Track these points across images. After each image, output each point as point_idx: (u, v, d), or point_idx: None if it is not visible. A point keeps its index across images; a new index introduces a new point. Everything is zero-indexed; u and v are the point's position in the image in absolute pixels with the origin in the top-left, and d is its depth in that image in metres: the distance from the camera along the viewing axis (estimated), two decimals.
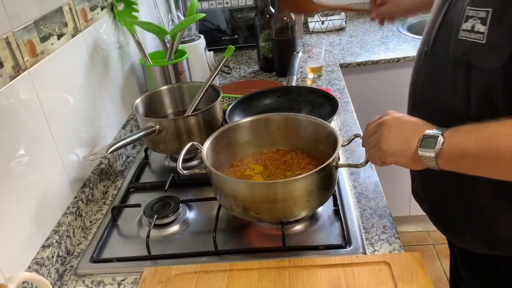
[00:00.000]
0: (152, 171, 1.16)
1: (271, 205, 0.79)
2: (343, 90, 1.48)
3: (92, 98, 1.12)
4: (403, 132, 0.71)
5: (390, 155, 0.72)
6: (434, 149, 0.66)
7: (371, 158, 0.77)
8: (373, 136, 0.75)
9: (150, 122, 1.05)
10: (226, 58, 1.19)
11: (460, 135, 0.66)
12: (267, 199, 0.79)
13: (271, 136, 1.00)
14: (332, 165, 0.82)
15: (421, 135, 0.68)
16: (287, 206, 0.79)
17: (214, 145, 0.92)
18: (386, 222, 0.88)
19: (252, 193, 0.79)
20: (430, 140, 0.67)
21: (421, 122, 0.72)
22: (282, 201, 0.78)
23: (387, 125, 0.72)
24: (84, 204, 0.98)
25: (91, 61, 1.12)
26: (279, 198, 0.78)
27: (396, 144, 0.71)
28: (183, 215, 0.96)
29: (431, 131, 0.68)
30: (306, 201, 0.80)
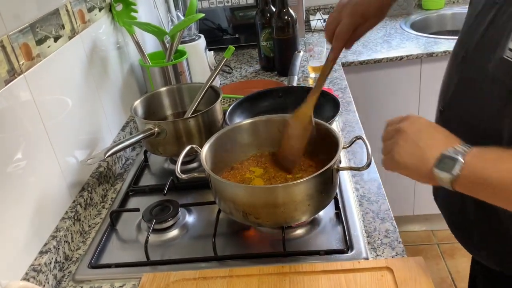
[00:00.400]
0: (151, 174, 1.15)
1: (271, 210, 0.78)
2: (345, 90, 1.46)
3: (91, 100, 1.11)
4: (419, 145, 0.63)
5: (402, 167, 0.66)
6: (452, 173, 0.59)
7: (384, 164, 0.71)
8: (389, 141, 0.69)
9: (149, 125, 1.04)
10: (226, 58, 1.18)
11: (483, 163, 0.58)
12: (267, 204, 0.77)
13: (271, 138, 0.98)
14: (333, 168, 0.80)
15: (439, 154, 0.61)
16: (287, 210, 0.78)
17: (214, 148, 0.91)
18: (389, 226, 0.87)
19: (251, 198, 0.78)
20: (448, 161, 0.59)
21: (442, 134, 0.64)
22: (282, 205, 0.77)
23: (403, 134, 0.66)
24: (82, 208, 0.97)
25: (89, 63, 1.11)
26: (279, 203, 0.77)
27: (411, 158, 0.64)
28: (182, 219, 0.95)
29: (451, 151, 0.60)
30: (307, 205, 0.79)
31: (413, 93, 1.78)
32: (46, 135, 0.89)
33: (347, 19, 0.81)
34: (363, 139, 0.88)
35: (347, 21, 0.81)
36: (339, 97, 1.40)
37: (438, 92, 0.87)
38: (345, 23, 0.81)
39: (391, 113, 1.82)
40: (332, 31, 0.83)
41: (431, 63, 1.71)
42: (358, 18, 0.81)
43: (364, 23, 0.83)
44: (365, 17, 0.82)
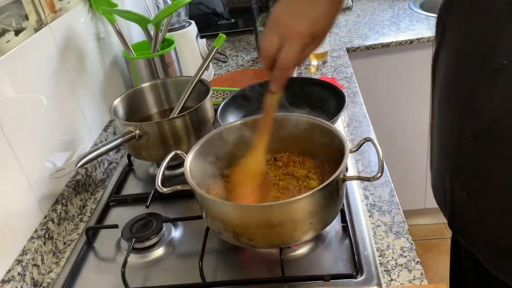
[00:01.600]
0: (136, 179, 1.04)
1: (266, 231, 0.66)
2: (350, 79, 1.33)
3: (65, 99, 0.99)
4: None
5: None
6: None
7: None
8: None
9: (129, 127, 0.92)
10: (216, 48, 1.05)
11: None
12: (261, 224, 0.65)
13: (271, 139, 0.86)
14: (339, 178, 0.68)
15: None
16: (285, 231, 0.66)
17: (201, 154, 0.79)
18: (404, 242, 0.75)
19: (243, 217, 0.66)
20: None
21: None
22: (279, 225, 0.65)
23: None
24: (55, 224, 0.85)
25: (62, 58, 0.98)
26: (275, 223, 0.65)
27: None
28: (167, 235, 0.83)
29: None
30: (309, 223, 0.67)
31: (425, 80, 1.64)
32: (7, 143, 0.77)
33: (294, 42, 0.61)
34: (373, 141, 0.75)
35: (292, 46, 0.61)
36: (344, 88, 1.27)
37: None
38: (293, 49, 0.61)
39: (401, 103, 1.71)
40: (272, 58, 0.63)
41: None
42: (306, 39, 0.62)
43: (312, 44, 0.63)
44: (314, 36, 0.62)
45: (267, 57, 0.64)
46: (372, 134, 1.04)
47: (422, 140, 1.75)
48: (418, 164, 1.81)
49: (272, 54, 0.63)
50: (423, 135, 1.73)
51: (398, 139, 1.76)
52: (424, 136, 1.74)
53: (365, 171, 0.93)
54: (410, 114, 1.72)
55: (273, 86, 0.66)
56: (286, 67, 0.63)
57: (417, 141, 1.77)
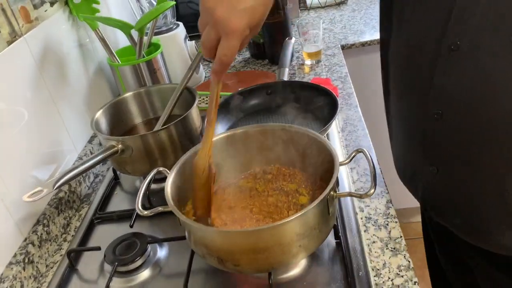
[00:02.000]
0: (123, 193, 1.00)
1: (252, 256, 0.62)
2: (345, 79, 1.28)
3: (46, 113, 0.94)
4: None
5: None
6: None
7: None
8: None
9: (111, 141, 0.87)
10: (201, 55, 1.00)
11: None
12: (246, 249, 0.61)
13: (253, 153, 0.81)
14: (329, 196, 0.64)
15: None
16: (272, 255, 0.62)
17: (183, 173, 0.74)
18: (402, 260, 0.70)
19: (227, 243, 0.62)
20: None
21: None
22: (265, 250, 0.61)
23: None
24: (36, 247, 0.82)
25: (40, 69, 0.94)
26: (261, 248, 0.61)
27: None
28: (153, 255, 0.79)
29: None
30: (298, 246, 0.63)
31: None
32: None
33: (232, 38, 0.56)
34: (365, 153, 0.71)
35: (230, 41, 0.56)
36: (339, 89, 1.22)
37: None
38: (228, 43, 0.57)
39: None
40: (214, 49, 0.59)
41: None
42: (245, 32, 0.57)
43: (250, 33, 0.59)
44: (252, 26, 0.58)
45: (207, 49, 0.60)
46: (367, 139, 1.00)
47: None
48: None
49: (212, 47, 0.59)
50: None
51: None
52: None
53: (360, 181, 0.88)
54: None
55: (213, 76, 0.63)
56: (226, 63, 0.59)
57: None
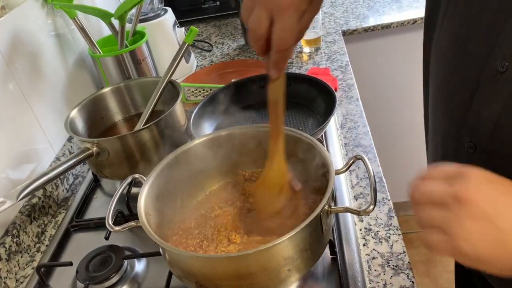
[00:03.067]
0: (103, 197, 0.92)
1: (235, 282, 0.54)
2: (346, 68, 1.18)
3: (16, 110, 0.86)
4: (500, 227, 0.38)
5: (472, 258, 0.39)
6: None
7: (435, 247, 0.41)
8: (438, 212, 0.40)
9: (86, 143, 0.80)
10: (187, 44, 0.91)
11: None
12: (228, 276, 0.54)
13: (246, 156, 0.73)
14: (323, 211, 0.56)
15: None
16: (257, 281, 0.54)
17: (161, 183, 0.67)
18: (405, 280, 0.63)
19: (205, 269, 0.54)
20: None
21: None
22: (248, 277, 0.53)
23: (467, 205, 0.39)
24: (4, 260, 0.74)
25: (8, 64, 0.85)
26: (244, 274, 0.53)
27: (489, 247, 0.39)
28: (130, 270, 0.72)
29: None
30: (286, 271, 0.55)
31: None
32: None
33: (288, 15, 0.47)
34: (365, 160, 0.63)
35: (286, 19, 0.47)
36: (339, 80, 1.13)
37: None
38: (284, 22, 0.47)
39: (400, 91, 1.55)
40: (265, 37, 0.49)
41: None
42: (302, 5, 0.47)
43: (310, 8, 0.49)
44: None
45: (258, 39, 0.49)
46: (368, 137, 0.91)
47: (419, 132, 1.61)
48: (417, 155, 1.67)
49: (263, 35, 0.48)
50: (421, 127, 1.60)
51: (397, 129, 1.62)
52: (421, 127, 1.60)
53: (360, 185, 0.80)
54: (410, 102, 1.57)
55: (272, 71, 0.53)
56: (285, 47, 0.49)
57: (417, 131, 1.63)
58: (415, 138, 1.62)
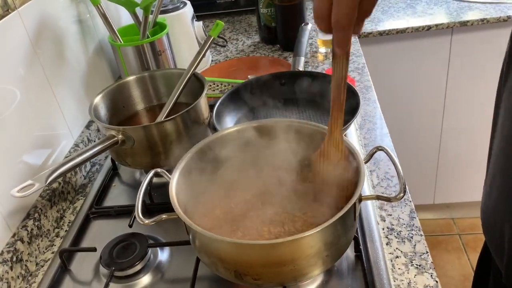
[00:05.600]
0: (122, 186, 0.92)
1: (276, 269, 0.55)
2: (362, 70, 1.20)
3: (40, 94, 0.86)
4: None
5: None
6: None
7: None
8: None
9: (111, 130, 0.80)
10: (212, 38, 0.92)
11: None
12: (270, 263, 0.54)
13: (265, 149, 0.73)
14: (356, 201, 0.57)
15: None
16: (298, 268, 0.55)
17: (190, 172, 0.67)
18: (428, 280, 0.64)
19: (248, 256, 0.55)
20: None
21: None
22: (291, 263, 0.54)
23: None
24: (26, 243, 0.74)
25: (34, 47, 0.85)
26: (287, 260, 0.54)
27: None
28: (153, 259, 0.73)
29: None
30: (324, 256, 0.56)
31: (440, 71, 1.51)
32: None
33: None
34: (387, 151, 0.64)
35: None
36: (356, 81, 1.14)
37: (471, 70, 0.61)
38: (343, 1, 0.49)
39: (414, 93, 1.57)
40: (327, 17, 0.51)
41: (464, 33, 1.43)
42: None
43: None
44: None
45: (320, 19, 0.52)
46: (388, 139, 0.92)
47: (435, 135, 1.63)
48: (430, 159, 1.70)
49: (325, 15, 0.51)
50: (436, 130, 1.62)
51: (410, 132, 1.64)
52: (437, 130, 1.62)
53: (381, 186, 0.81)
54: (423, 106, 1.59)
55: (336, 49, 0.55)
56: (340, 26, 0.50)
57: (430, 135, 1.65)
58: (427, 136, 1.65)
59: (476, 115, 1.59)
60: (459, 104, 1.58)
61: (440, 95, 1.54)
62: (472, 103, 1.57)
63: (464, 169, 1.72)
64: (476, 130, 1.62)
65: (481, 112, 1.58)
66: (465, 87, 1.53)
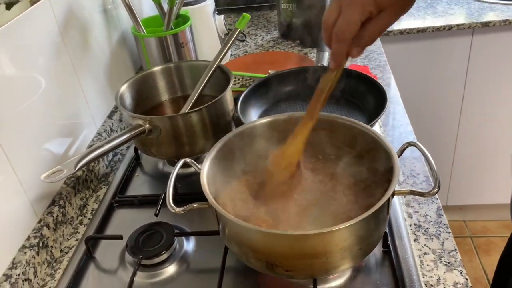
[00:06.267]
0: (144, 176, 0.92)
1: (309, 261, 0.55)
2: (384, 68, 1.19)
3: (66, 82, 0.86)
4: None
5: None
6: None
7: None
8: None
9: (138, 120, 0.80)
10: (239, 30, 0.92)
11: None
12: (304, 254, 0.54)
13: None
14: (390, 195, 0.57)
15: None
16: (330, 260, 0.55)
17: (219, 161, 0.67)
18: (458, 277, 0.64)
19: (282, 247, 0.55)
20: None
21: None
22: (324, 255, 0.54)
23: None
24: (51, 229, 0.75)
25: (63, 34, 0.85)
26: (321, 252, 0.54)
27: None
28: (179, 249, 0.73)
29: None
30: (357, 250, 0.56)
31: (459, 71, 1.50)
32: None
33: (352, 9, 0.51)
34: (419, 146, 0.64)
35: (349, 13, 0.51)
36: (378, 78, 1.14)
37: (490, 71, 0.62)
38: (347, 15, 0.51)
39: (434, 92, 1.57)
40: (331, 28, 0.54)
41: (485, 34, 1.42)
42: (369, 6, 0.51)
43: (379, 15, 0.52)
44: (379, 5, 0.51)
45: (325, 29, 0.55)
46: (412, 136, 0.92)
47: (451, 136, 1.62)
48: (445, 160, 1.69)
49: (330, 26, 0.54)
50: (453, 131, 1.61)
51: (426, 132, 1.63)
52: (453, 132, 1.62)
53: (407, 183, 0.81)
54: (441, 107, 1.58)
55: (331, 62, 0.58)
56: (339, 38, 0.53)
57: (446, 136, 1.64)
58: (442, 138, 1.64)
59: (493, 117, 1.58)
60: (477, 106, 1.57)
61: (458, 96, 1.53)
62: (489, 105, 1.56)
63: (478, 172, 1.72)
64: (492, 133, 1.61)
65: (498, 115, 1.57)
66: (483, 89, 1.52)
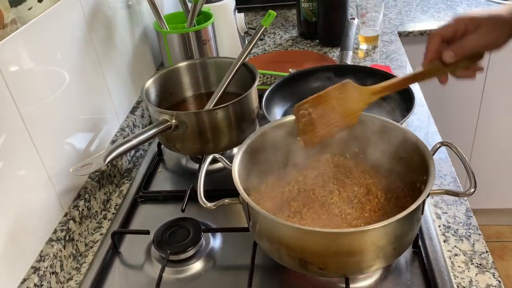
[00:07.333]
0: (167, 172, 0.92)
1: (344, 259, 0.54)
2: (406, 68, 1.18)
3: (91, 77, 0.86)
4: None
5: None
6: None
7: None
8: None
9: (164, 115, 0.79)
10: (264, 27, 0.91)
11: None
12: (339, 252, 0.54)
13: None
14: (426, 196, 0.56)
15: None
16: (365, 259, 0.54)
17: (250, 156, 0.67)
18: (490, 279, 0.63)
19: (317, 244, 0.54)
20: None
21: None
22: (360, 253, 0.54)
23: None
24: (77, 223, 0.74)
25: (89, 29, 0.85)
26: (357, 251, 0.54)
27: None
28: (206, 245, 0.72)
29: None
30: (392, 249, 0.56)
31: (480, 76, 1.48)
32: (25, 128, 0.65)
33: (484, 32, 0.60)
34: (453, 146, 0.64)
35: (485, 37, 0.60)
36: None
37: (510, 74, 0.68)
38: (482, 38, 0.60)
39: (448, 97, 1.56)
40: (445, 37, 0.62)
41: None
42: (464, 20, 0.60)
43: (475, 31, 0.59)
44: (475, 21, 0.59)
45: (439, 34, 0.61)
46: (438, 138, 0.91)
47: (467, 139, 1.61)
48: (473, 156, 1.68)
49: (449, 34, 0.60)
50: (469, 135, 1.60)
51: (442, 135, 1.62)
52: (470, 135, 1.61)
53: (435, 184, 0.80)
54: (458, 111, 1.57)
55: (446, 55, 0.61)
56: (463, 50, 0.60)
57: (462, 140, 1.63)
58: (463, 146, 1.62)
59: (510, 121, 1.56)
60: (495, 111, 1.55)
61: (476, 100, 1.52)
62: (508, 111, 1.55)
63: (492, 176, 1.70)
64: (508, 137, 1.60)
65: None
66: (503, 92, 1.51)
